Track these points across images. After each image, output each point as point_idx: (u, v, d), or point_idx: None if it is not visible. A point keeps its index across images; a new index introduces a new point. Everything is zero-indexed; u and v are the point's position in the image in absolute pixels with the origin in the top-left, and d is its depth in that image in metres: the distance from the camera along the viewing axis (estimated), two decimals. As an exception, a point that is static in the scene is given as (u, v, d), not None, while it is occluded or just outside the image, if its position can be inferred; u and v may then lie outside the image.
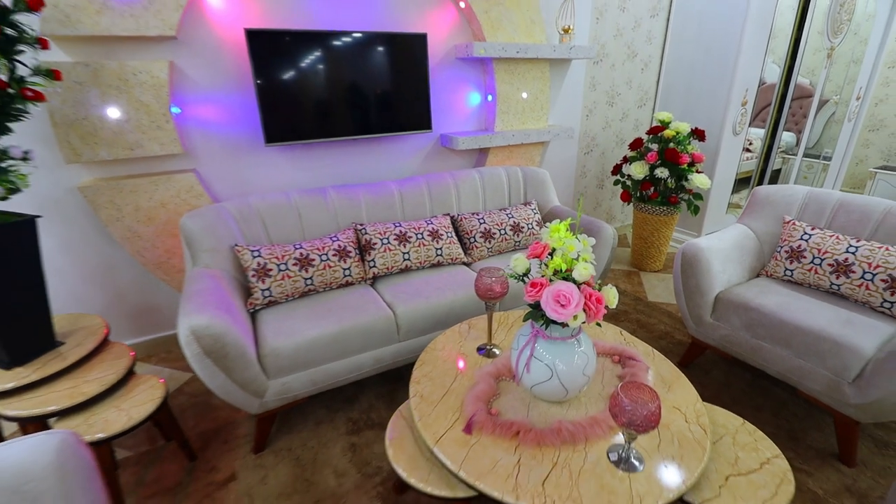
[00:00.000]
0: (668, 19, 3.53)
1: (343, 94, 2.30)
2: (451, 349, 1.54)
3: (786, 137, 4.26)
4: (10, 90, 1.35)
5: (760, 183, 3.98)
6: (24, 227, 1.46)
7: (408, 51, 2.40)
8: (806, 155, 4.68)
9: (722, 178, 3.53)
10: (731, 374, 2.14)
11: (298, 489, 1.58)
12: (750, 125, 3.77)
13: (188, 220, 1.88)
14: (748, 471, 1.14)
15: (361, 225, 2.14)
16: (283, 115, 2.17)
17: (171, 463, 1.70)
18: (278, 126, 2.17)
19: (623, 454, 1.09)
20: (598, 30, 3.25)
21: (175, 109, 2.04)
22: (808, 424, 1.84)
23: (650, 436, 1.15)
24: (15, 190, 1.39)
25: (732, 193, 3.82)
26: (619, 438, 1.15)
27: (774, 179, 4.39)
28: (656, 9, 3.44)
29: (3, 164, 1.39)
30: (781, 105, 3.73)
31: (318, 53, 2.17)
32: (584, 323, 1.13)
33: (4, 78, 1.36)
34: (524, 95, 2.83)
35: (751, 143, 4.21)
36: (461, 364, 1.47)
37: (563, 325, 1.13)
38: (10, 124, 1.40)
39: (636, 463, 1.08)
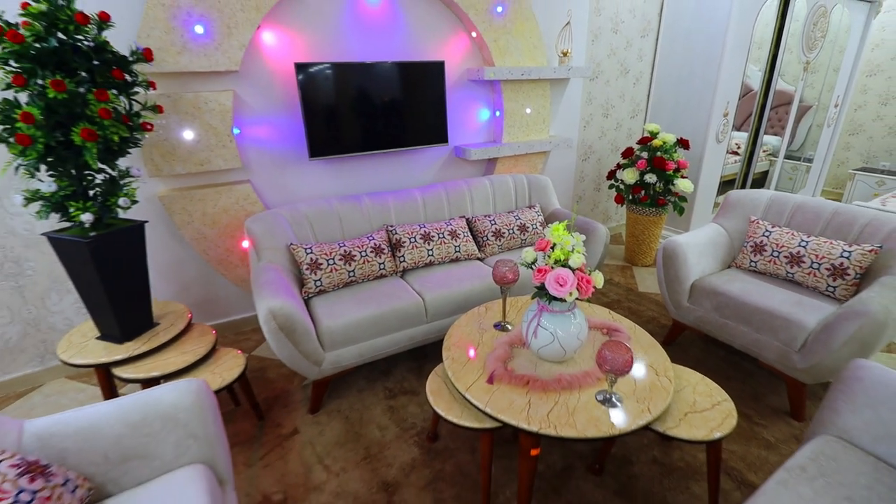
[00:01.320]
0: (657, 39, 3.90)
1: (374, 113, 2.68)
2: (472, 325, 1.92)
3: (773, 141, 4.61)
4: (131, 123, 1.73)
5: (744, 184, 4.34)
6: (136, 230, 1.85)
7: (428, 76, 2.78)
8: (791, 157, 5.04)
9: (707, 181, 3.89)
10: (706, 351, 2.51)
11: (350, 439, 1.96)
12: (739, 130, 4.13)
13: (252, 223, 2.27)
14: (702, 409, 1.52)
15: (392, 226, 2.53)
16: (324, 132, 2.56)
17: (243, 422, 2.08)
18: (320, 142, 2.56)
19: (607, 396, 1.47)
20: (594, 50, 3.63)
21: (236, 130, 2.43)
22: (767, 390, 2.21)
23: (628, 384, 1.52)
24: (134, 202, 1.78)
25: (718, 194, 4.18)
26: (605, 386, 1.52)
27: (762, 181, 4.74)
28: (646, 30, 3.82)
29: (123, 182, 1.79)
30: (762, 112, 4.09)
31: (353, 80, 2.56)
32: (577, 299, 1.51)
33: (123, 113, 1.75)
34: (528, 111, 3.21)
35: (739, 147, 4.57)
36: (482, 336, 1.85)
37: (562, 300, 1.51)
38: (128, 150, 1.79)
39: (616, 402, 1.45)
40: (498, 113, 3.18)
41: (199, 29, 2.16)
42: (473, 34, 2.92)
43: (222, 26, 2.20)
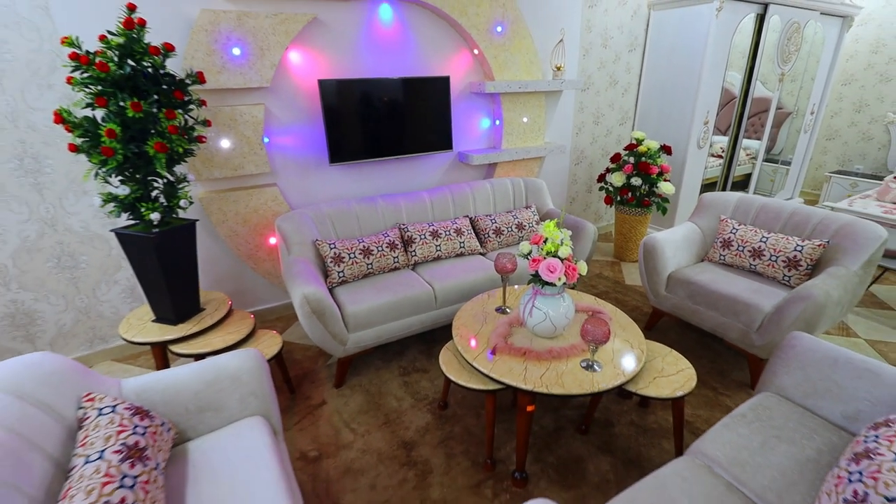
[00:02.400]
0: (643, 53, 4.23)
1: (387, 123, 2.99)
2: (477, 309, 2.23)
3: (755, 145, 4.93)
4: (187, 136, 2.04)
5: (725, 186, 4.67)
6: (189, 227, 2.16)
7: (435, 89, 3.09)
8: (771, 161, 5.39)
9: (690, 183, 4.23)
10: (682, 335, 2.83)
11: (371, 408, 2.27)
12: (724, 134, 4.45)
13: (282, 221, 2.58)
14: (668, 374, 1.83)
15: (404, 225, 2.84)
16: (343, 140, 2.86)
17: (278, 395, 2.38)
18: (339, 149, 2.87)
19: (589, 363, 1.78)
20: (585, 63, 3.95)
21: (265, 139, 2.73)
22: (732, 366, 2.53)
23: (607, 354, 1.84)
24: (191, 202, 2.08)
25: (701, 195, 4.50)
26: (588, 356, 1.83)
27: (745, 183, 5.06)
28: (633, 45, 4.15)
29: (179, 186, 2.09)
30: (741, 118, 4.41)
31: (369, 94, 2.86)
32: (565, 284, 1.82)
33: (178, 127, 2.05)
34: (525, 120, 3.53)
35: (724, 150, 4.88)
36: (485, 317, 2.16)
37: (553, 285, 1.82)
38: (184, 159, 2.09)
39: (597, 368, 1.77)
40: (498, 122, 3.49)
41: (236, 51, 2.46)
42: (475, 51, 3.23)
43: (256, 48, 2.51)
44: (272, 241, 2.90)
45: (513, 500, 1.76)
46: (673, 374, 1.84)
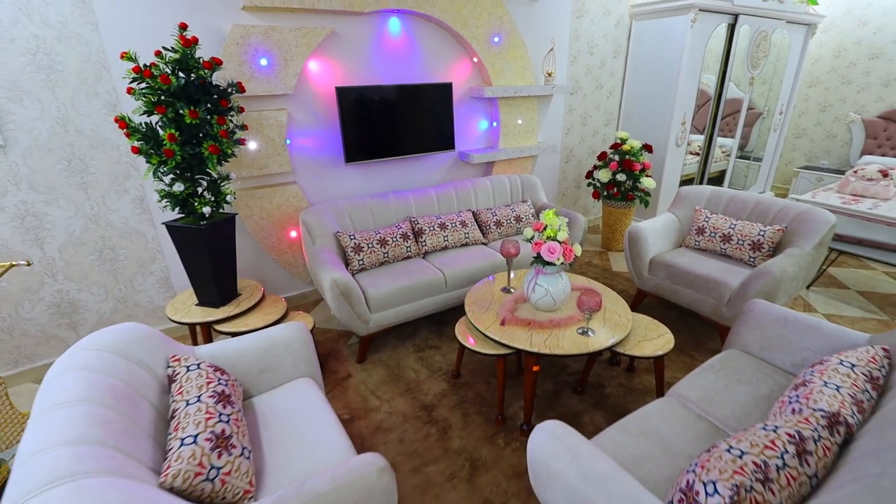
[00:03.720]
0: (626, 59, 4.59)
1: (396, 126, 3.28)
2: (485, 290, 2.54)
3: (729, 143, 5.32)
4: (230, 139, 2.30)
5: (702, 181, 5.06)
6: (230, 220, 2.42)
7: (439, 95, 3.39)
8: (745, 158, 5.80)
9: (669, 178, 4.60)
10: (663, 312, 3.18)
11: (392, 379, 2.56)
12: (702, 132, 4.83)
13: (306, 216, 2.85)
14: (650, 339, 2.16)
15: (414, 218, 3.13)
16: (357, 142, 3.14)
17: (306, 370, 2.66)
18: (354, 150, 3.15)
19: (584, 329, 2.10)
20: (573, 69, 4.29)
21: (287, 141, 3.00)
22: (707, 338, 2.88)
23: (599, 322, 2.16)
24: (234, 198, 2.34)
25: (679, 189, 4.87)
26: (583, 324, 2.15)
27: (721, 178, 5.45)
28: (617, 52, 4.50)
29: (222, 184, 2.36)
30: (716, 119, 4.80)
31: (380, 99, 3.15)
32: (563, 263, 2.14)
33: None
34: (520, 122, 3.85)
35: (700, 148, 5.26)
36: (493, 296, 2.47)
37: (553, 264, 2.14)
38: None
39: (591, 333, 2.09)
40: (495, 124, 3.80)
41: (263, 62, 2.73)
42: (475, 59, 3.54)
43: (281, 59, 2.78)
44: (293, 234, 3.17)
45: (521, 448, 2.07)
46: (654, 339, 2.17)
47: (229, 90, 2.29)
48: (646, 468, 1.40)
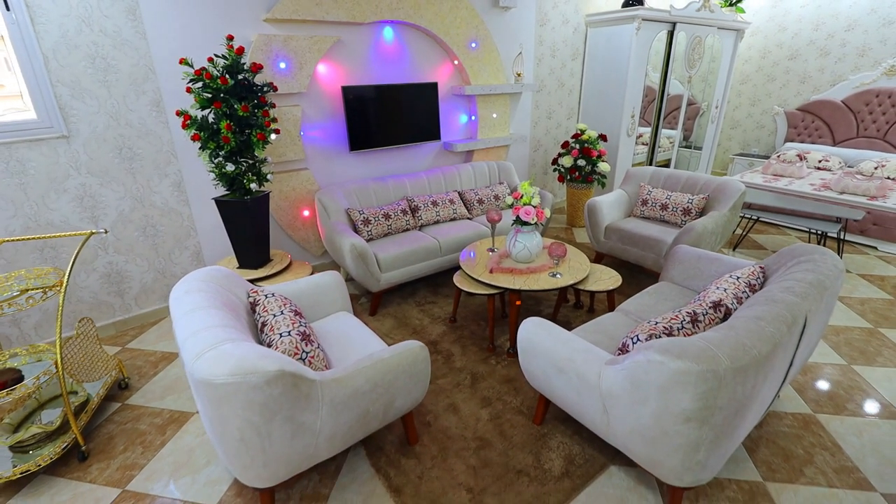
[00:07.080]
0: (583, 61, 5.29)
1: (391, 119, 3.84)
2: (475, 250, 3.15)
3: (674, 134, 6.12)
4: (270, 129, 2.81)
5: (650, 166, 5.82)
6: (266, 197, 2.94)
7: (426, 92, 3.97)
8: (688, 147, 6.63)
9: (622, 163, 5.33)
10: (618, 270, 3.88)
11: (401, 325, 3.14)
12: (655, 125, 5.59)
13: (321, 196, 3.39)
14: (604, 279, 2.82)
15: (410, 197, 3.71)
16: (360, 133, 3.69)
17: (327, 322, 3.20)
18: (357, 140, 3.69)
19: (554, 273, 2.73)
20: (539, 70, 4.95)
21: (301, 133, 3.51)
22: (649, 284, 3.59)
23: (565, 268, 2.80)
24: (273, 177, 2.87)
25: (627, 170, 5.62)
26: (553, 269, 2.78)
27: (667, 165, 6.24)
28: (575, 55, 5.20)
29: (262, 165, 2.87)
30: (660, 112, 5.57)
31: (378, 96, 3.70)
32: (536, 223, 2.77)
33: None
34: (494, 115, 4.48)
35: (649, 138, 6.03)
36: (480, 254, 3.08)
37: (529, 224, 2.77)
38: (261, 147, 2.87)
39: (559, 276, 2.73)
40: (473, 117, 4.41)
41: (282, 65, 3.24)
42: (456, 62, 4.13)
43: (297, 63, 3.29)
44: (306, 213, 3.69)
45: (509, 364, 2.70)
46: (607, 279, 2.83)
47: (266, 89, 2.81)
48: (598, 346, 2.04)
